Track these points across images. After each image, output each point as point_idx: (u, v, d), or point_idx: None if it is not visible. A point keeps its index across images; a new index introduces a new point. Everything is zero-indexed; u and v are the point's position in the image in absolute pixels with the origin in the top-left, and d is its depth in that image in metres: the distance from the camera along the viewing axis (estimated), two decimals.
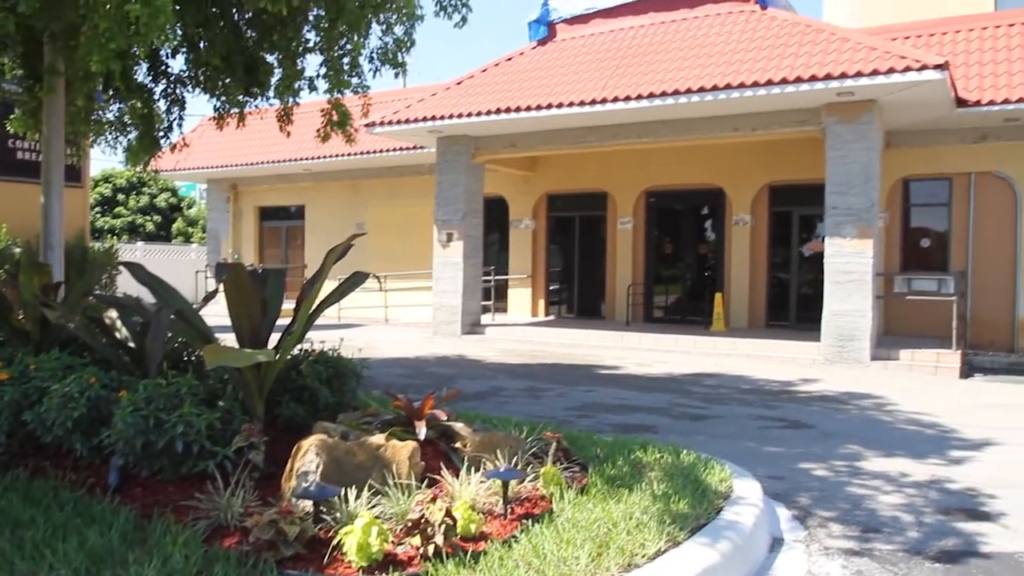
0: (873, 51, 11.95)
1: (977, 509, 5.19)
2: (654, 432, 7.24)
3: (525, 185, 19.17)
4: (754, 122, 13.56)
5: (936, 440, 7.23)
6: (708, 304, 16.45)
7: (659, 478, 4.66)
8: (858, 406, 8.98)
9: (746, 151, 16.03)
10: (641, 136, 14.51)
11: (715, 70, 13.00)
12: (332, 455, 4.04)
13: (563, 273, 19.30)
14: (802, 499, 5.33)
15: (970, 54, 14.41)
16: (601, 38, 16.02)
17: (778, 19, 14.20)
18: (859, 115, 12.54)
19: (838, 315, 12.47)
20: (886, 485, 5.67)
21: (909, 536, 4.65)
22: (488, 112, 14.53)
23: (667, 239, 18.39)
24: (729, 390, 9.98)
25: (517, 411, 7.81)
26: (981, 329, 14.39)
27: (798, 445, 6.93)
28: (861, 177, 12.49)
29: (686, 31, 14.95)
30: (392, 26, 7.60)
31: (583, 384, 10.30)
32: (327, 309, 5.40)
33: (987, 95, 13.20)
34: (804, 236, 16.37)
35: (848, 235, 12.51)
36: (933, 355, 12.03)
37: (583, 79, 14.43)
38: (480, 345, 14.72)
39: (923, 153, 14.79)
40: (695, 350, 13.76)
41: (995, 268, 14.40)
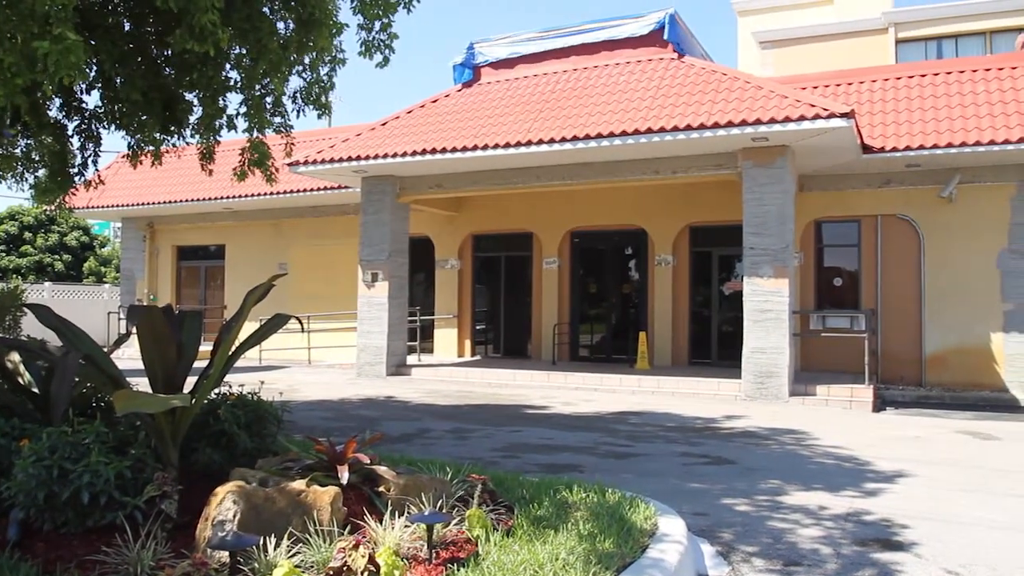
0: (785, 99, 12.49)
1: (891, 539, 5.33)
2: (580, 471, 7.24)
3: (451, 225, 19.21)
4: (674, 165, 13.95)
5: (852, 473, 7.44)
6: (633, 343, 16.68)
7: (585, 518, 4.65)
8: (778, 441, 9.18)
9: (667, 193, 16.46)
10: (565, 178, 14.76)
11: (636, 115, 13.37)
12: (250, 502, 3.91)
13: (489, 313, 19.33)
14: (725, 535, 5.39)
15: (874, 103, 15.20)
16: (525, 82, 16.31)
17: (695, 67, 14.73)
18: (773, 160, 13.04)
19: (758, 352, 12.81)
20: (806, 518, 5.79)
21: (828, 568, 4.74)
22: (413, 153, 14.56)
23: (592, 279, 18.65)
24: (654, 427, 10.09)
25: (443, 453, 7.72)
26: (891, 364, 14.98)
27: (721, 481, 7.03)
28: (776, 219, 12.95)
29: (608, 76, 15.35)
30: (315, 66, 7.56)
31: (510, 424, 10.26)
32: (247, 351, 5.27)
33: (890, 142, 13.92)
34: (724, 275, 16.83)
35: (765, 275, 12.92)
36: (847, 390, 12.45)
37: (508, 122, 14.63)
38: (406, 386, 14.55)
39: (834, 196, 15.45)
40: (620, 388, 13.90)
41: (903, 305, 15.07)
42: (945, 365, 14.59)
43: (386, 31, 7.55)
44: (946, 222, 14.69)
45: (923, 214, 14.89)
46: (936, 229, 14.79)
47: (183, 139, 8.30)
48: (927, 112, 14.42)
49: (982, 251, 14.39)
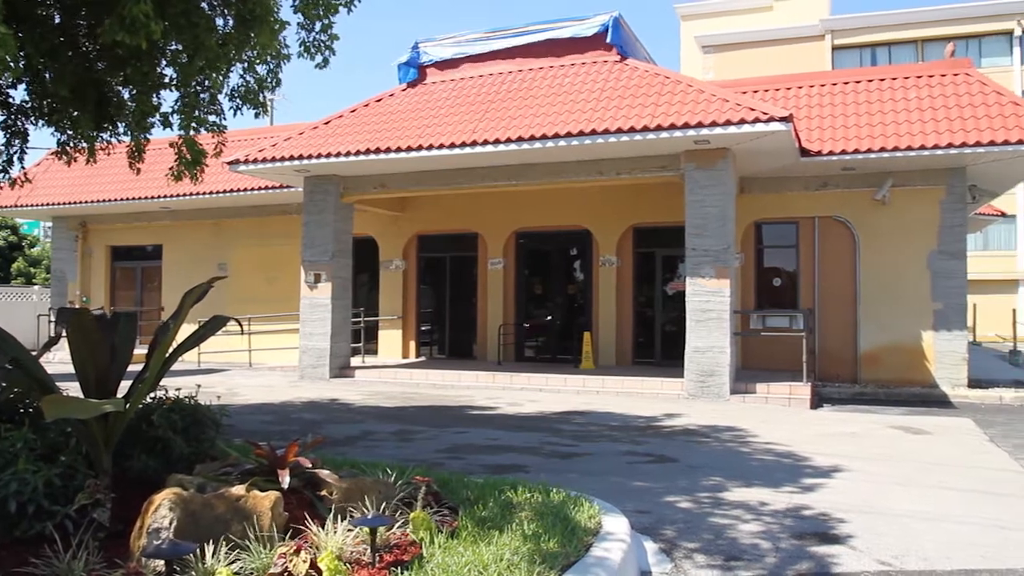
0: (726, 103, 12.71)
1: (828, 533, 5.47)
2: (525, 471, 7.24)
3: (395, 226, 19.07)
4: (618, 167, 14.08)
5: (791, 469, 7.61)
6: (578, 343, 16.78)
7: (529, 518, 4.65)
8: (719, 439, 9.33)
9: (612, 194, 16.61)
10: (511, 178, 14.78)
11: (581, 116, 13.45)
12: (187, 509, 3.81)
13: (434, 314, 19.24)
14: (668, 532, 5.45)
15: (811, 108, 15.58)
16: (471, 82, 16.28)
17: (639, 69, 14.89)
18: (715, 162, 13.26)
19: (700, 351, 13.01)
20: (746, 514, 5.89)
21: (767, 562, 4.84)
22: (357, 152, 14.41)
23: (537, 279, 18.72)
24: (598, 427, 10.16)
25: (387, 455, 7.65)
26: (828, 362, 15.38)
27: (664, 479, 7.11)
28: (718, 220, 13.17)
29: (553, 78, 15.42)
30: (254, 64, 7.40)
31: (455, 425, 10.22)
32: (185, 354, 5.14)
33: (827, 146, 14.29)
34: (667, 276, 17.06)
35: (707, 275, 13.12)
36: (786, 388, 12.72)
37: (453, 122, 14.58)
38: (349, 388, 14.38)
39: (773, 198, 15.79)
40: (565, 388, 13.97)
41: (839, 305, 15.48)
42: (879, 363, 15.03)
43: (327, 32, 7.45)
44: (880, 224, 15.14)
45: (858, 216, 15.32)
46: (870, 231, 15.23)
47: (116, 136, 8.04)
48: (862, 117, 14.84)
49: (914, 252, 14.86)
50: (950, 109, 14.33)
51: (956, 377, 14.37)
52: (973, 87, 14.82)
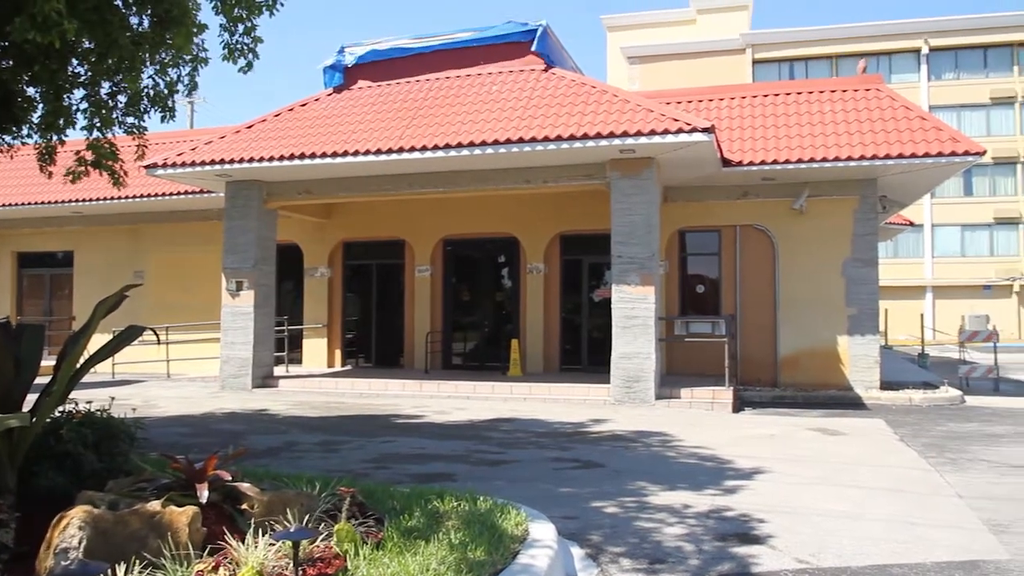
0: (651, 113, 12.95)
1: (749, 534, 5.59)
2: (453, 480, 7.20)
3: (320, 232, 18.78)
4: (545, 175, 14.18)
5: (714, 472, 7.76)
6: (505, 350, 16.79)
7: (456, 527, 4.62)
8: (645, 443, 9.47)
9: (539, 202, 16.72)
10: (438, 185, 14.72)
11: (508, 124, 13.50)
12: (98, 527, 3.65)
13: (360, 322, 19.00)
14: (594, 537, 5.49)
15: (732, 119, 16.02)
16: (398, 88, 16.17)
17: (566, 79, 15.04)
18: (640, 171, 13.48)
19: (625, 357, 13.18)
20: (670, 517, 5.98)
21: (691, 564, 4.92)
22: (281, 157, 14.14)
23: (465, 287, 18.69)
24: (526, 434, 10.19)
25: (311, 466, 7.49)
26: (750, 367, 15.78)
27: (590, 484, 7.16)
28: (643, 228, 13.39)
29: (480, 85, 15.44)
30: (167, 67, 7.17)
31: (381, 435, 10.10)
32: (97, 366, 4.94)
33: (747, 156, 14.70)
34: (593, 283, 17.25)
35: (632, 282, 13.32)
36: (709, 392, 13.00)
37: (380, 128, 14.45)
38: (273, 398, 14.07)
39: (696, 207, 16.14)
40: (493, 396, 13.96)
41: (759, 311, 15.91)
42: (797, 367, 15.50)
43: (250, 34, 7.29)
44: (798, 232, 15.63)
45: (777, 224, 15.80)
46: (789, 239, 15.71)
47: (20, 138, 7.68)
48: (780, 129, 15.33)
49: (829, 259, 15.39)
50: (862, 123, 14.93)
51: (869, 380, 14.93)
52: (883, 102, 15.48)
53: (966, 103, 43.44)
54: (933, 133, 14.19)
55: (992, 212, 42.97)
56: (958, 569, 4.93)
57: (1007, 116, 43.34)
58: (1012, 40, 42.99)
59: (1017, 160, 42.78)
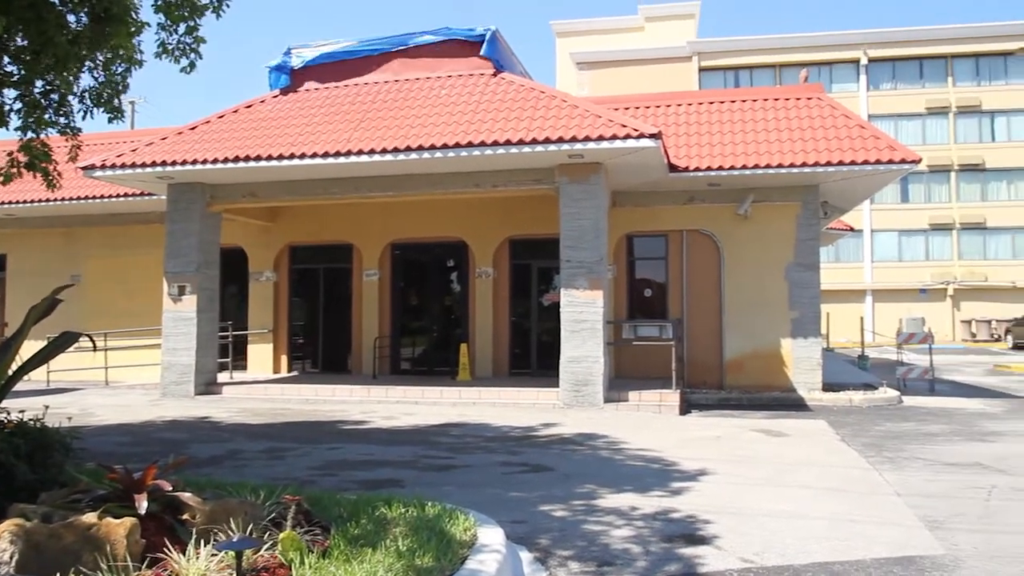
0: (599, 118, 13.05)
1: (695, 534, 5.66)
2: (401, 486, 7.14)
3: (266, 236, 18.48)
4: (494, 179, 14.19)
5: (661, 474, 7.84)
6: (454, 355, 16.75)
7: (404, 533, 4.58)
8: (593, 447, 9.52)
9: (488, 206, 16.72)
10: (386, 189, 14.61)
11: (457, 128, 13.47)
12: (30, 540, 3.52)
13: (307, 327, 18.74)
14: (543, 540, 5.49)
15: (679, 126, 16.25)
16: (345, 90, 16.01)
17: (515, 84, 15.08)
18: (588, 176, 13.58)
19: (574, 361, 13.24)
20: (618, 519, 6.02)
21: (638, 566, 4.95)
22: (225, 160, 13.87)
23: (413, 291, 18.58)
24: (475, 439, 10.16)
25: (256, 475, 7.35)
26: (696, 369, 15.99)
27: (539, 488, 7.17)
28: (591, 233, 13.48)
29: (429, 89, 15.38)
30: (109, 65, 6.98)
31: (328, 441, 9.96)
32: (30, 373, 4.77)
33: (694, 162, 14.91)
34: (543, 287, 17.31)
35: (581, 286, 13.40)
36: (657, 395, 13.13)
37: (327, 130, 14.29)
38: (216, 406, 13.78)
39: (644, 212, 16.32)
40: (442, 401, 13.90)
41: (706, 314, 16.14)
42: (742, 369, 15.76)
43: (192, 34, 7.13)
44: (742, 237, 15.91)
45: (723, 229, 16.05)
46: (734, 243, 15.98)
47: None
48: (726, 136, 15.60)
49: (773, 264, 15.69)
50: (804, 131, 15.28)
51: (812, 381, 15.25)
52: (824, 110, 15.87)
53: (903, 113, 44.84)
54: (872, 141, 14.60)
55: (927, 218, 44.41)
56: (896, 565, 5.05)
57: (942, 125, 44.84)
58: (947, 52, 44.52)
59: (951, 168, 44.29)
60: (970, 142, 44.45)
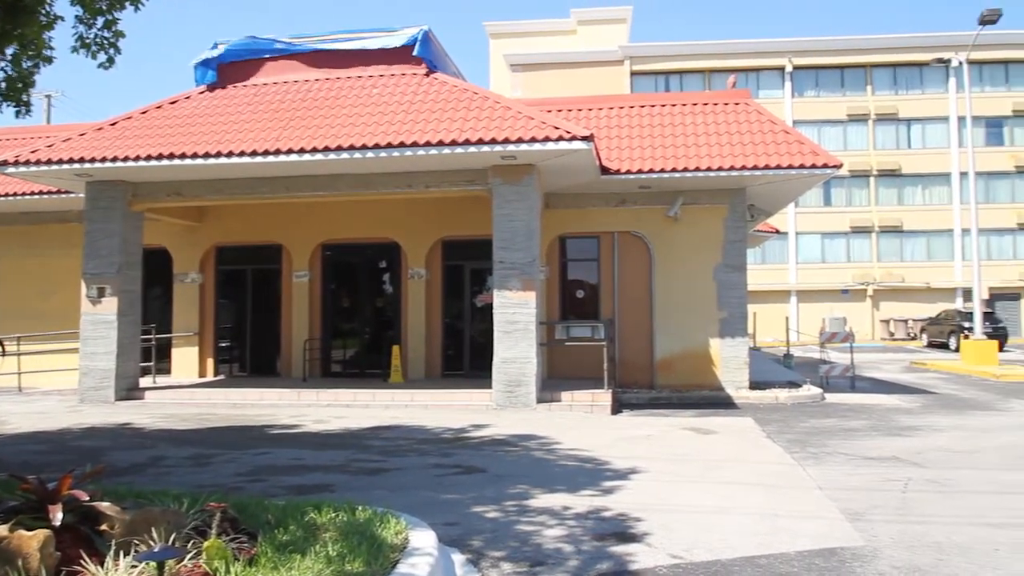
0: (532, 120, 13.10)
1: (626, 532, 5.72)
2: (332, 491, 7.03)
3: (191, 236, 17.97)
4: (427, 180, 14.10)
5: (592, 473, 7.90)
6: (387, 357, 16.58)
7: (334, 538, 4.51)
8: (526, 447, 9.54)
9: (420, 207, 16.61)
10: (316, 189, 14.38)
11: (389, 128, 13.34)
12: None
13: (234, 329, 18.28)
14: (476, 542, 5.47)
15: (611, 128, 16.43)
16: (274, 88, 15.69)
17: (448, 84, 15.02)
18: (521, 178, 13.62)
19: (507, 362, 13.26)
20: (551, 519, 6.04)
21: (570, 565, 4.98)
22: (149, 157, 13.44)
23: (345, 292, 18.33)
24: (407, 441, 10.07)
25: (180, 482, 7.15)
26: (628, 369, 16.19)
27: (472, 490, 7.15)
28: (524, 234, 13.53)
29: (360, 88, 15.21)
30: (19, 58, 6.68)
31: (256, 447, 9.74)
32: None
33: (625, 165, 15.10)
34: (476, 288, 17.28)
35: (514, 287, 13.42)
36: (589, 395, 13.25)
37: (255, 129, 13.98)
38: (138, 412, 13.33)
39: (576, 214, 16.45)
40: (374, 403, 13.75)
41: (637, 315, 16.36)
42: (672, 369, 16.02)
43: (111, 28, 6.89)
44: (672, 239, 16.18)
45: (653, 231, 16.30)
46: (664, 245, 16.24)
47: None
48: (656, 139, 15.84)
49: (702, 265, 16.00)
50: (732, 135, 15.63)
51: (739, 380, 15.61)
52: (751, 115, 16.27)
53: (825, 119, 46.38)
54: (796, 146, 15.02)
55: (848, 221, 46.02)
56: (818, 556, 5.20)
57: (861, 132, 46.54)
58: (866, 62, 46.23)
59: (870, 173, 45.99)
60: (888, 148, 46.25)
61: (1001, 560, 5.18)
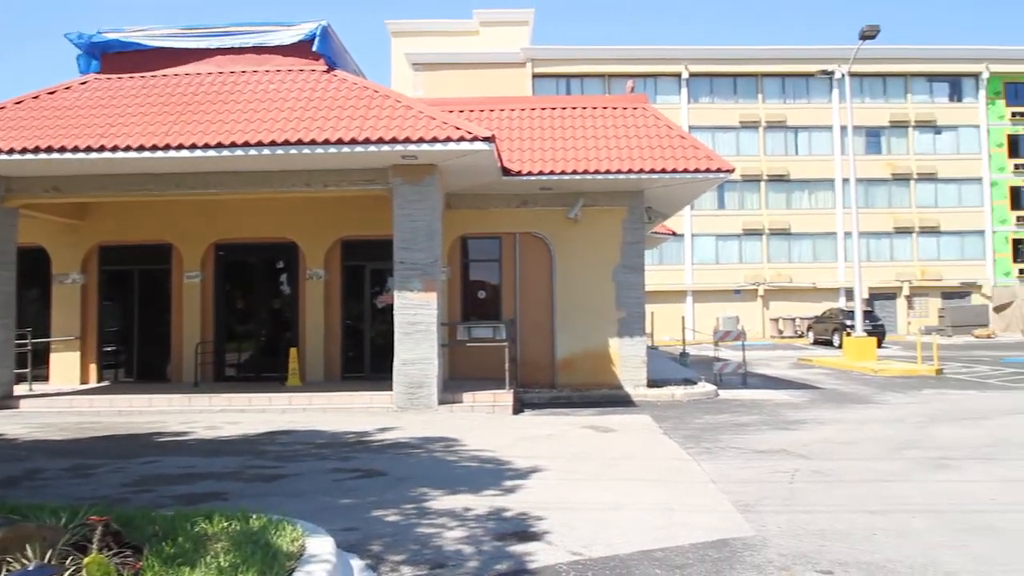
0: (433, 120, 13.01)
1: (527, 531, 5.74)
2: (225, 499, 6.77)
3: (72, 235, 17.01)
4: (326, 179, 13.81)
5: (494, 473, 7.90)
6: (284, 360, 16.14)
7: (226, 548, 4.34)
8: (428, 449, 9.46)
9: (319, 206, 16.26)
10: (209, 186, 13.86)
11: (287, 125, 13.00)
12: None
13: (121, 333, 17.41)
14: (375, 547, 5.38)
15: (512, 130, 16.51)
16: (164, 80, 15.04)
17: (347, 81, 14.75)
18: (422, 178, 13.51)
19: (408, 364, 13.13)
20: (452, 521, 6.00)
21: (470, 566, 4.95)
22: (24, 150, 12.64)
23: (240, 294, 17.74)
24: (305, 446, 9.83)
25: (59, 495, 6.75)
26: (529, 369, 16.30)
27: (372, 494, 7.03)
28: (425, 234, 13.43)
29: (256, 83, 14.75)
30: None
31: (143, 455, 9.29)
32: None
33: (527, 166, 15.20)
34: (376, 289, 17.04)
35: (415, 288, 13.31)
36: (491, 396, 13.27)
37: (143, 122, 13.35)
38: (12, 421, 12.51)
39: (478, 214, 16.46)
40: (271, 407, 13.36)
41: (538, 315, 16.50)
42: (573, 368, 16.24)
43: None
44: (573, 240, 16.40)
45: (554, 232, 16.48)
46: (565, 246, 16.44)
47: None
48: (557, 141, 16.02)
49: (601, 266, 16.29)
50: (631, 139, 15.96)
51: (637, 378, 15.96)
52: (649, 120, 16.66)
53: (719, 125, 48.10)
54: (691, 151, 15.48)
55: (741, 224, 47.85)
56: (711, 548, 5.36)
57: (753, 138, 48.47)
58: (757, 71, 48.18)
59: (761, 178, 47.96)
60: (777, 155, 48.33)
61: (878, 544, 5.46)
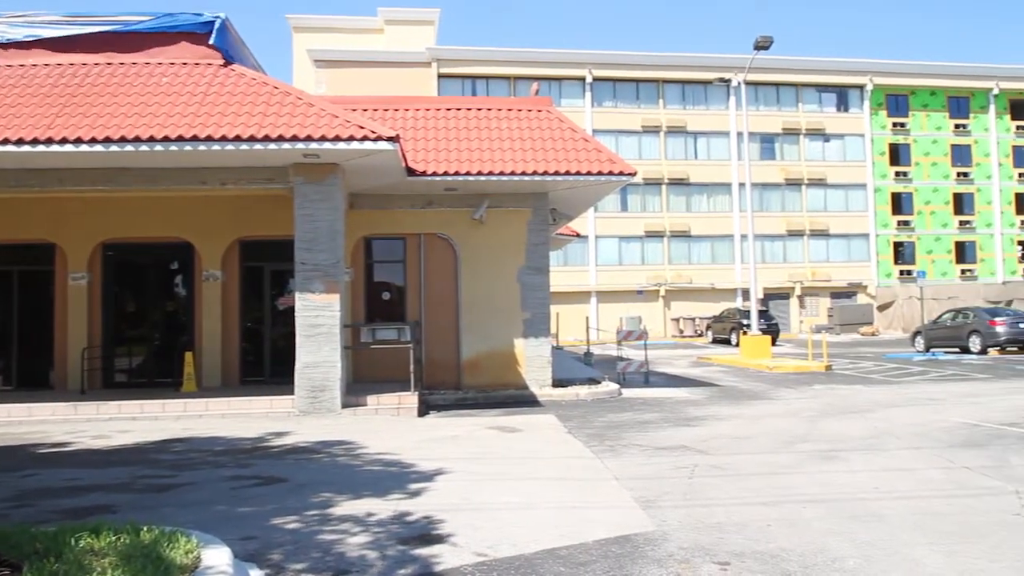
0: (336, 118, 12.75)
1: (431, 534, 5.69)
2: (114, 512, 6.44)
3: None
4: (223, 176, 13.36)
5: (398, 477, 7.81)
6: (179, 364, 15.50)
7: (114, 564, 4.14)
8: (330, 454, 9.27)
9: (216, 205, 15.70)
10: (96, 183, 13.19)
11: (181, 120, 12.49)
12: None
13: None
14: (275, 556, 5.22)
15: (418, 130, 16.37)
16: (46, 71, 14.20)
17: (246, 76, 14.30)
18: (324, 177, 13.24)
19: (310, 367, 12.84)
20: (355, 527, 5.89)
21: (374, 571, 4.88)
22: None
23: (130, 296, 16.94)
24: (201, 453, 9.47)
25: None
26: (435, 370, 16.21)
27: (272, 501, 6.83)
28: (327, 235, 13.16)
29: (148, 76, 14.11)
30: None
31: (22, 468, 8.75)
32: None
33: (431, 167, 15.10)
34: (276, 291, 16.58)
35: (317, 290, 13.03)
36: (396, 398, 13.11)
37: (22, 114, 12.57)
38: None
39: (382, 215, 16.25)
40: (164, 415, 12.81)
41: (444, 316, 16.42)
42: (479, 369, 16.24)
43: None
44: (478, 241, 16.40)
45: (459, 233, 16.44)
46: (470, 247, 16.43)
47: None
48: (463, 142, 15.98)
49: (506, 267, 16.35)
50: (535, 141, 16.09)
51: (543, 378, 16.09)
52: (553, 123, 16.83)
53: (622, 129, 49.10)
54: (594, 154, 15.72)
55: (643, 226, 48.99)
56: (614, 544, 5.44)
57: (654, 143, 49.70)
58: (659, 77, 49.44)
59: (662, 181, 49.23)
60: (678, 159, 49.71)
61: (772, 534, 5.66)
